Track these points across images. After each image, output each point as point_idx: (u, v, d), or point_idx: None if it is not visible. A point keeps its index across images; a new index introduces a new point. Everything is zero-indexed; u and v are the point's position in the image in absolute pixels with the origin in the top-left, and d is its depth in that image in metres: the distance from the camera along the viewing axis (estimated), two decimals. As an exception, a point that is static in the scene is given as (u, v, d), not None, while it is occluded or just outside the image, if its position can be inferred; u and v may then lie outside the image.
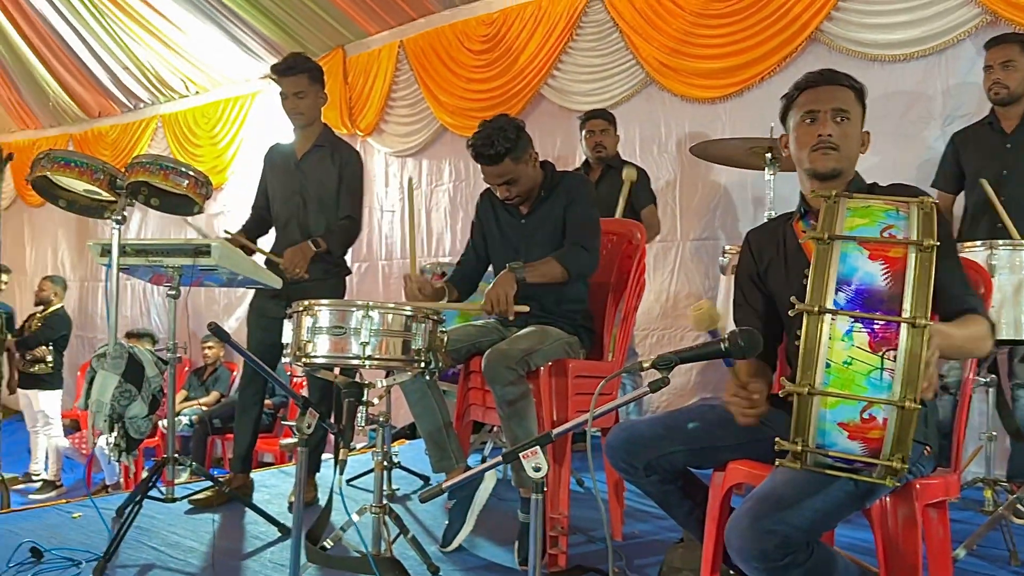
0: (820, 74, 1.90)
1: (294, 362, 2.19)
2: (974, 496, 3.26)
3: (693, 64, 4.68)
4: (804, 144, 1.88)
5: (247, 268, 2.72)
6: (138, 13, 7.00)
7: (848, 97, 1.88)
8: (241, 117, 7.40)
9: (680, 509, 2.01)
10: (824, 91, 1.87)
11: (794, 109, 1.92)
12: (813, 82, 1.89)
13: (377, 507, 2.27)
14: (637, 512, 3.20)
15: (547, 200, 2.84)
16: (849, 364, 1.33)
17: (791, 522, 1.51)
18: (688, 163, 4.77)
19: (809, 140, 1.86)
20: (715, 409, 1.98)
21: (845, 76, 1.91)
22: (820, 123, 1.85)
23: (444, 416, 2.73)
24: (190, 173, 2.59)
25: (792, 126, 1.93)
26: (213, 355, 7.01)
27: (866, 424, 1.34)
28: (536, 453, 1.59)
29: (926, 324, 1.30)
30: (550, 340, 2.67)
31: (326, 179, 3.30)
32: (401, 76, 6.19)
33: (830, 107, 1.85)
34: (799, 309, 1.37)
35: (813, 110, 1.86)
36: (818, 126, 1.85)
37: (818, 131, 1.84)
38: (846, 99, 1.87)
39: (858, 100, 1.90)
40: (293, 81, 3.24)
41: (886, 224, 1.41)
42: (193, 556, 2.65)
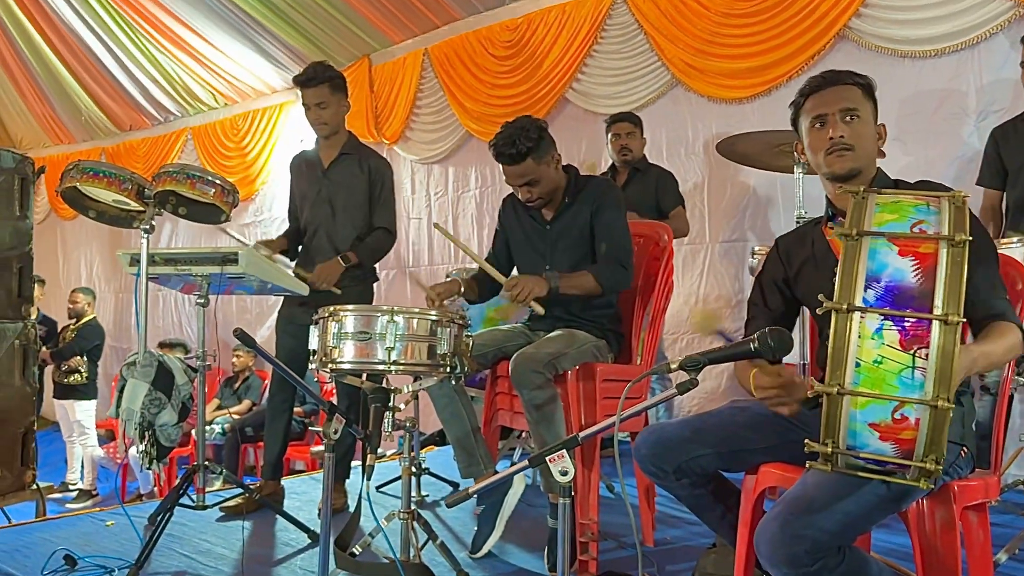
0: (823, 77, 1.87)
1: (320, 368, 2.19)
2: (1015, 499, 3.19)
3: (719, 64, 4.64)
4: (818, 149, 1.85)
5: (275, 275, 2.73)
6: (166, 27, 7.11)
7: (855, 95, 1.84)
8: (270, 128, 7.48)
9: (712, 513, 1.97)
10: (829, 93, 1.84)
11: (803, 116, 1.90)
12: (817, 86, 1.86)
13: (405, 513, 2.26)
14: (669, 518, 3.16)
15: (572, 206, 2.82)
16: (879, 363, 1.29)
17: (821, 526, 1.48)
18: (716, 164, 4.72)
19: (822, 145, 1.84)
20: (745, 411, 1.95)
21: (849, 74, 1.88)
22: (830, 126, 1.82)
23: (472, 421, 2.72)
24: (216, 182, 2.61)
25: (804, 132, 1.91)
26: (241, 363, 7.07)
27: (898, 424, 1.30)
28: (563, 457, 1.58)
29: (959, 321, 1.26)
30: (578, 343, 2.65)
31: (354, 187, 3.30)
32: (426, 84, 6.21)
33: (837, 108, 1.82)
34: (827, 307, 1.33)
35: (822, 114, 1.84)
36: (828, 129, 1.82)
37: (829, 134, 1.82)
38: (853, 97, 1.83)
39: (866, 96, 1.86)
40: (315, 92, 3.25)
41: (916, 219, 1.37)
42: (224, 563, 2.66)
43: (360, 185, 3.30)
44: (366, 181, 3.30)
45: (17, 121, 9.33)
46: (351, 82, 6.57)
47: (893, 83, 4.08)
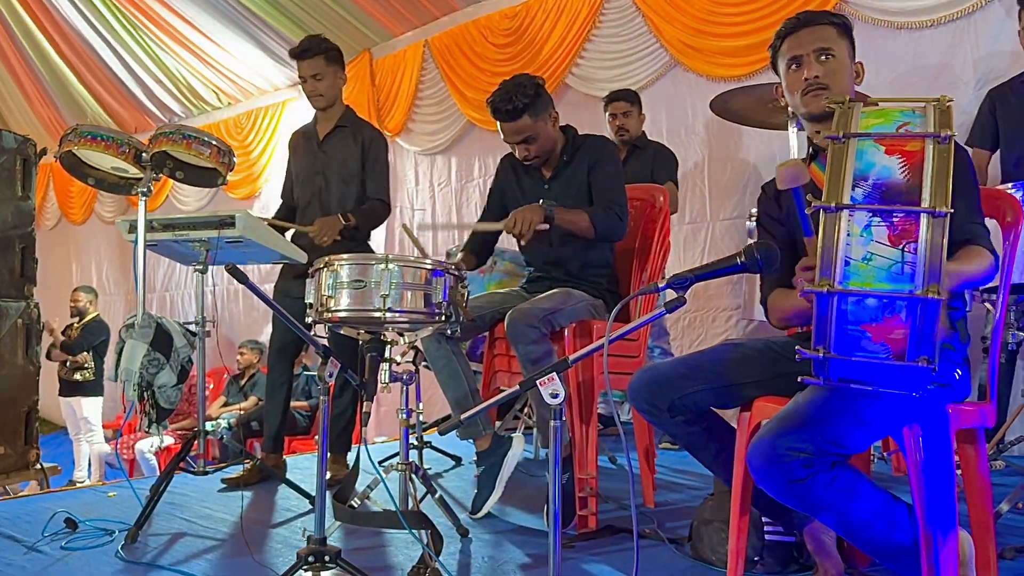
0: (797, 18, 1.89)
1: (316, 319, 2.20)
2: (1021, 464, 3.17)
3: (717, 43, 4.65)
4: (794, 90, 1.87)
5: (272, 241, 2.74)
6: (169, 25, 7.16)
7: (829, 34, 1.85)
8: (272, 126, 7.53)
9: (706, 451, 1.97)
10: (804, 34, 1.85)
11: (780, 58, 1.92)
12: (792, 27, 1.88)
13: (403, 465, 2.26)
14: (670, 483, 3.15)
15: (570, 164, 2.83)
16: (869, 260, 1.29)
17: (814, 439, 1.48)
18: (716, 143, 4.73)
19: (798, 85, 1.85)
20: (738, 347, 1.95)
21: (823, 13, 1.90)
22: (805, 66, 1.84)
23: (470, 383, 2.71)
24: (212, 142, 2.63)
25: (782, 74, 1.93)
26: (246, 361, 7.09)
27: (889, 323, 1.30)
28: (553, 379, 1.57)
29: (946, 213, 1.26)
30: (574, 301, 2.65)
31: (348, 159, 3.32)
32: (427, 75, 6.24)
33: (811, 48, 1.83)
34: (816, 205, 1.33)
35: (797, 55, 1.85)
36: (803, 70, 1.84)
37: (804, 75, 1.83)
38: (827, 36, 1.84)
39: (842, 34, 1.87)
40: (310, 64, 3.27)
41: (902, 122, 1.37)
42: (223, 526, 2.67)
43: (353, 157, 3.32)
44: (359, 153, 3.32)
45: (22, 124, 9.40)
46: (353, 76, 6.66)
47: (890, 56, 4.08)
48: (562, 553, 2.26)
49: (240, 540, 2.46)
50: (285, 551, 2.37)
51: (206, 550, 2.42)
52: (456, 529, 2.43)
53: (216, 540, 2.52)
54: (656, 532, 2.43)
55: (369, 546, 2.40)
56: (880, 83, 4.10)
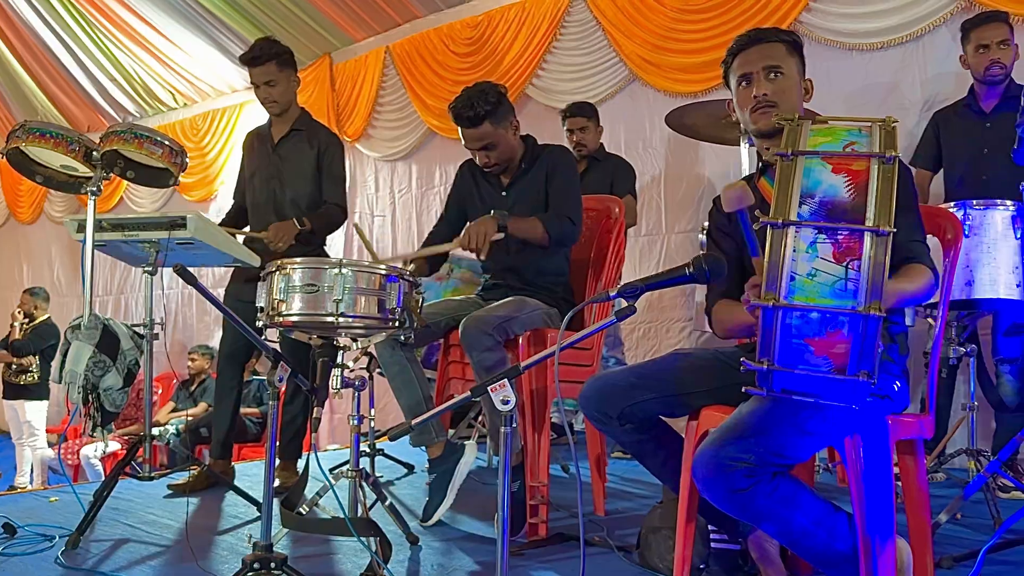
0: (748, 35, 1.92)
1: (267, 323, 2.17)
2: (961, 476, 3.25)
3: (675, 59, 4.73)
4: (744, 106, 1.90)
5: (224, 243, 2.70)
6: (126, 23, 7.05)
7: (779, 51, 1.88)
8: (229, 128, 7.44)
9: (655, 459, 1.99)
10: (754, 51, 1.88)
11: (731, 74, 1.95)
12: (743, 45, 1.91)
13: (353, 471, 2.24)
14: (620, 492, 3.18)
15: (528, 172, 2.85)
16: (814, 276, 1.32)
17: (756, 450, 1.50)
18: (673, 158, 4.80)
19: (748, 102, 1.88)
20: (687, 357, 1.98)
21: (774, 31, 1.93)
22: (755, 84, 1.86)
23: (424, 390, 2.70)
24: (165, 142, 2.59)
25: (733, 90, 1.96)
26: (197, 367, 6.96)
27: (831, 338, 1.33)
28: (504, 386, 1.58)
29: (889, 232, 1.30)
30: (529, 309, 2.66)
31: (303, 163, 3.29)
32: (388, 81, 6.23)
33: (761, 66, 1.86)
34: (764, 220, 1.36)
35: (747, 72, 1.88)
36: (753, 87, 1.87)
37: (753, 92, 1.86)
38: (776, 54, 1.87)
39: (791, 51, 1.90)
40: (262, 70, 3.23)
41: (849, 141, 1.41)
42: (168, 532, 2.62)
43: (309, 161, 3.29)
44: (314, 156, 3.29)
45: (-30, 121, 9.17)
46: (312, 80, 6.63)
47: (842, 76, 4.19)
48: (511, 561, 2.28)
49: (185, 547, 2.41)
50: (231, 558, 2.33)
51: (149, 556, 2.38)
52: (406, 537, 2.42)
53: (160, 547, 2.48)
54: (605, 540, 2.44)
55: (317, 553, 2.37)
56: (832, 102, 4.20)
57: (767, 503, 1.53)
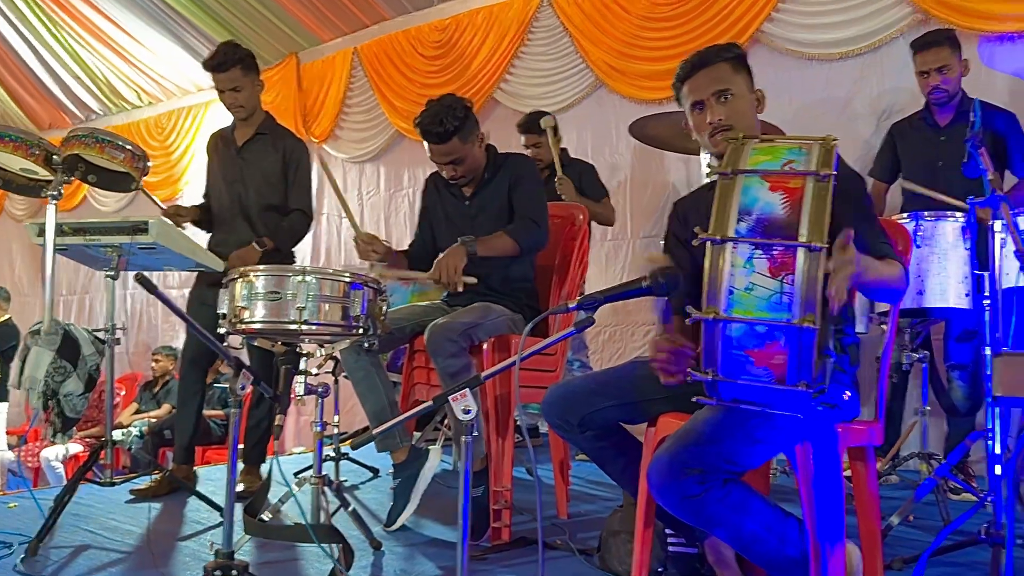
0: (691, 62, 1.92)
1: (230, 330, 2.18)
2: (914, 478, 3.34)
3: (641, 66, 4.78)
4: (701, 131, 1.92)
5: (186, 247, 2.69)
6: (90, 21, 6.95)
7: (725, 72, 1.89)
8: (195, 128, 7.36)
9: (615, 465, 2.03)
10: (701, 76, 1.90)
11: (682, 100, 1.97)
12: (689, 71, 1.92)
13: (316, 478, 2.25)
14: (584, 495, 3.22)
15: (491, 182, 2.87)
16: (751, 290, 1.37)
17: (708, 457, 1.55)
18: (639, 163, 4.86)
19: (704, 128, 1.90)
20: (646, 365, 2.00)
21: (717, 51, 1.92)
22: (708, 110, 1.88)
23: (389, 395, 2.72)
24: (127, 147, 2.58)
25: (687, 115, 1.97)
26: (161, 368, 6.88)
27: (770, 349, 1.38)
28: (465, 395, 1.61)
29: (822, 247, 1.35)
30: (493, 315, 2.69)
31: (268, 167, 3.29)
32: (356, 82, 6.22)
33: (711, 92, 1.88)
34: (702, 237, 1.41)
35: (698, 99, 1.90)
36: (706, 113, 1.89)
37: (707, 119, 1.88)
38: (723, 76, 1.88)
39: (737, 67, 1.91)
40: (227, 77, 3.22)
41: (788, 159, 1.46)
42: (130, 538, 2.61)
43: (274, 165, 3.29)
44: (280, 161, 3.29)
45: (-71, 118, 8.97)
46: (279, 80, 6.59)
47: (802, 85, 4.27)
48: (474, 565, 2.31)
49: (147, 553, 2.40)
50: (193, 564, 2.33)
51: (110, 563, 2.37)
52: (369, 542, 2.44)
53: (121, 553, 2.46)
54: (567, 543, 2.48)
55: (280, 560, 2.38)
56: (791, 111, 4.29)
57: (718, 509, 1.57)
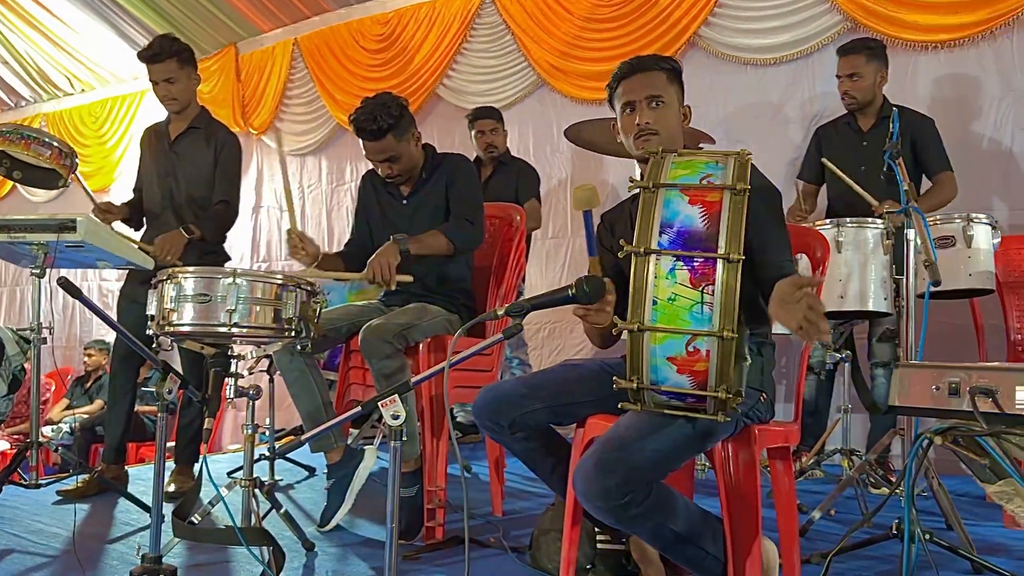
0: (631, 64, 1.98)
1: (158, 332, 2.15)
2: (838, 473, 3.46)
3: (582, 67, 4.84)
4: (628, 132, 1.98)
5: (116, 247, 2.65)
6: (19, 5, 6.72)
7: (660, 80, 1.95)
8: (130, 116, 7.20)
9: (544, 466, 2.07)
10: (637, 80, 1.96)
11: (616, 100, 2.01)
12: (626, 73, 1.98)
13: (247, 481, 2.24)
14: (520, 492, 3.26)
15: (428, 181, 2.88)
16: (673, 300, 1.42)
17: (631, 462, 1.59)
18: (579, 163, 4.91)
19: (631, 129, 1.96)
20: (576, 368, 2.06)
21: (655, 60, 1.99)
22: (638, 112, 1.94)
23: (323, 396, 2.71)
24: (54, 144, 2.52)
25: (617, 115, 2.02)
26: (93, 363, 6.71)
27: (692, 357, 1.43)
28: (395, 401, 1.62)
29: (739, 259, 1.41)
30: (429, 316, 2.70)
31: (200, 161, 3.23)
32: (296, 74, 6.16)
33: (644, 96, 1.94)
34: (627, 250, 1.45)
35: (630, 100, 1.96)
36: (636, 115, 1.94)
37: (636, 120, 1.94)
38: (658, 83, 1.95)
39: (671, 79, 1.98)
40: (162, 68, 3.15)
41: (706, 173, 1.52)
42: (56, 541, 2.55)
43: (206, 159, 3.23)
44: (212, 155, 3.24)
45: None
46: (217, 71, 6.48)
47: (737, 89, 4.38)
48: (406, 565, 2.33)
49: (72, 557, 2.36)
50: (121, 568, 2.30)
51: (34, 568, 2.32)
52: (302, 543, 2.43)
53: (46, 557, 2.41)
54: (500, 541, 2.51)
55: (211, 562, 2.36)
56: (725, 115, 4.40)
57: (641, 512, 1.62)
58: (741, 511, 1.76)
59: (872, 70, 3.43)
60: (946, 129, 3.53)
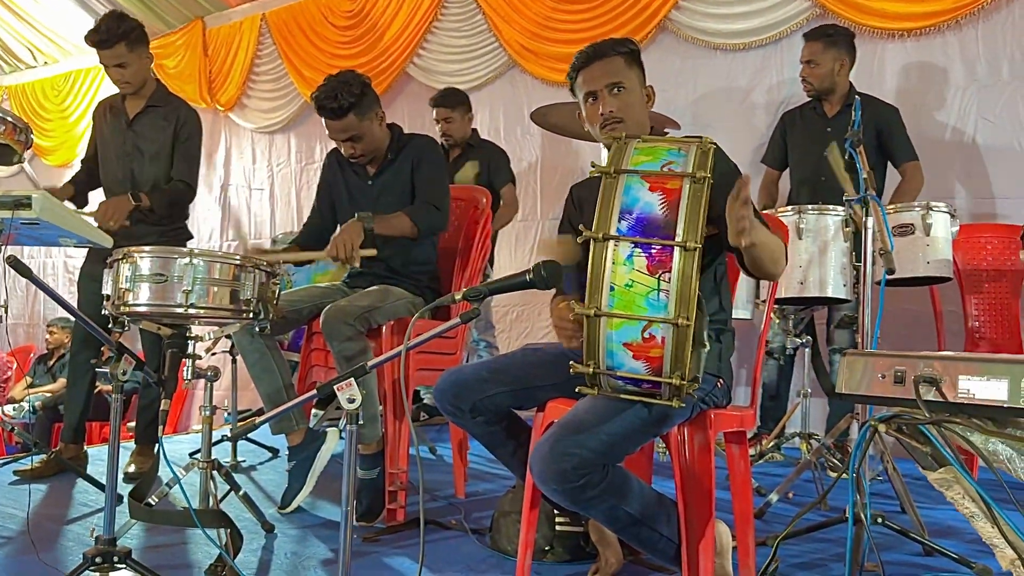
0: (587, 53, 1.96)
1: (113, 312, 2.12)
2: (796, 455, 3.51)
3: (553, 48, 4.82)
4: (593, 122, 1.96)
5: (73, 224, 2.56)
6: (-23, -27, 6.55)
7: (619, 65, 1.94)
8: (93, 89, 7.06)
9: (504, 449, 2.07)
10: (596, 68, 1.94)
11: (577, 90, 2.00)
12: (584, 62, 1.96)
13: (204, 463, 2.22)
14: (483, 474, 3.27)
15: (395, 162, 2.85)
16: (630, 287, 1.42)
17: (587, 445, 1.60)
18: (549, 145, 4.90)
19: (596, 119, 1.94)
20: (537, 352, 2.06)
21: (612, 45, 1.97)
22: (600, 101, 1.92)
23: (284, 378, 2.69)
24: (7, 119, 2.45)
25: (581, 105, 2.01)
26: (56, 340, 6.61)
27: (647, 343, 1.44)
28: (351, 385, 1.62)
29: (696, 247, 1.41)
30: (392, 299, 2.69)
31: (160, 139, 3.17)
32: (264, 50, 6.07)
33: (604, 84, 1.92)
34: (586, 236, 1.45)
35: (591, 90, 1.94)
36: (599, 104, 1.93)
37: (600, 110, 1.93)
38: (617, 69, 1.93)
39: (630, 63, 1.96)
40: (111, 54, 3.07)
41: (667, 160, 1.51)
42: (11, 522, 2.52)
43: (167, 137, 3.17)
44: (172, 133, 3.18)
45: None
46: (183, 45, 6.37)
47: (706, 74, 4.39)
48: (366, 547, 2.33)
49: (27, 538, 2.33)
50: (76, 549, 2.28)
51: (-12, 550, 2.29)
52: (261, 525, 2.43)
53: (1, 538, 2.38)
54: (461, 523, 2.52)
55: (168, 543, 2.35)
56: (692, 99, 4.41)
57: (596, 495, 1.63)
58: (695, 494, 1.78)
59: (830, 57, 3.45)
60: (911, 117, 3.56)
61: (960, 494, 1.15)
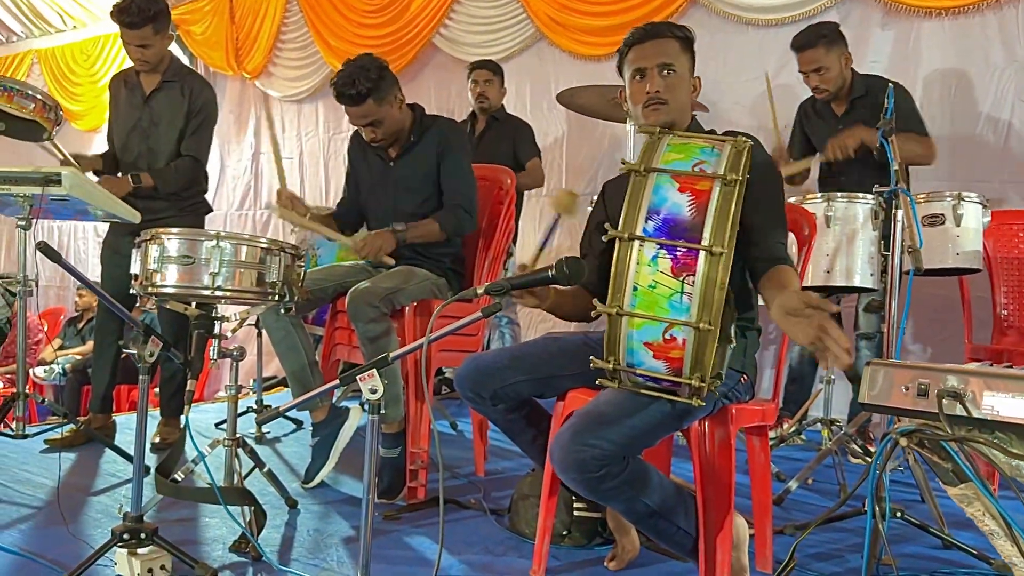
0: (644, 29, 1.94)
1: (141, 292, 2.15)
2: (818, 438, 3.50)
3: (582, 21, 4.75)
4: (637, 101, 1.94)
5: (101, 200, 2.62)
6: (8, -63, 6.56)
7: (673, 48, 1.92)
8: (122, 55, 7.02)
9: (524, 437, 2.09)
10: (650, 47, 1.91)
11: (626, 65, 1.97)
12: (639, 38, 1.93)
13: (230, 440, 2.26)
14: (501, 451, 3.29)
15: (417, 144, 2.84)
16: (654, 288, 1.41)
17: (608, 437, 1.60)
18: (576, 120, 4.84)
19: (640, 97, 1.92)
20: (558, 341, 2.06)
21: (668, 27, 1.95)
22: (648, 79, 1.90)
23: (309, 355, 2.72)
24: (37, 96, 2.48)
25: (627, 82, 1.98)
26: (84, 303, 6.73)
27: (668, 344, 1.43)
28: (373, 375, 1.63)
29: (722, 252, 1.39)
30: (416, 280, 2.70)
31: (176, 115, 3.16)
32: (291, 18, 6.04)
33: (656, 63, 1.90)
34: (611, 235, 1.44)
35: (641, 67, 1.91)
36: (646, 83, 1.90)
37: (646, 88, 1.90)
38: (671, 51, 1.91)
39: (684, 49, 1.94)
40: (137, 35, 3.07)
41: (699, 160, 1.49)
42: (41, 491, 2.59)
43: (181, 113, 3.16)
44: (187, 107, 3.18)
45: None
46: (210, 11, 6.35)
47: (738, 50, 4.30)
48: (387, 525, 2.37)
49: (56, 508, 2.39)
50: (104, 522, 2.33)
51: (19, 519, 2.35)
52: (285, 501, 2.47)
53: (31, 508, 2.45)
54: (480, 502, 2.55)
55: (192, 517, 2.39)
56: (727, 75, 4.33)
57: (615, 486, 1.64)
58: (715, 488, 1.78)
59: (835, 58, 3.31)
60: (945, 97, 3.48)
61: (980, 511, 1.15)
